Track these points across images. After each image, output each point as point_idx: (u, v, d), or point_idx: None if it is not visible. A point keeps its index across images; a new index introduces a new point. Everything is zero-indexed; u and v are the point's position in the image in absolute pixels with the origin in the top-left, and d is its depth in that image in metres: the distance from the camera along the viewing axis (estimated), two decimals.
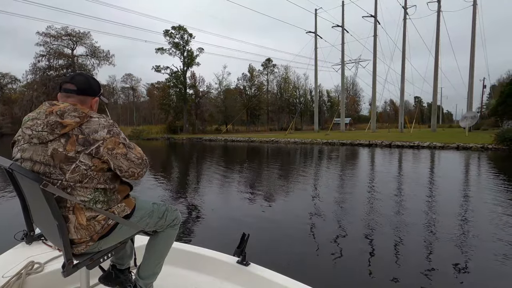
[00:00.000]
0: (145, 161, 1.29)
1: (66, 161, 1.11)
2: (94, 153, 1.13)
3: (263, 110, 60.38)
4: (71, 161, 1.11)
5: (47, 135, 1.10)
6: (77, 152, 1.11)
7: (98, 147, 1.14)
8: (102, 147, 1.15)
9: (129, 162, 1.22)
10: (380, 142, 22.53)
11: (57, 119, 1.11)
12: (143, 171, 1.29)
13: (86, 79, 1.28)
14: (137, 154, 1.26)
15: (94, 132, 1.14)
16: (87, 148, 1.12)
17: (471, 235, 4.07)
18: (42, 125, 1.11)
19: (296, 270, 3.06)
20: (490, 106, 47.31)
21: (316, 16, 46.51)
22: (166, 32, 46.93)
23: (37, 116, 1.14)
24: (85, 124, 1.14)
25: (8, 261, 1.78)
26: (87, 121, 1.15)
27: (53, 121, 1.11)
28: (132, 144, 1.28)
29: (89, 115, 1.17)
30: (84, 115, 1.15)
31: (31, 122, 1.14)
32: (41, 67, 43.99)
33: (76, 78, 1.26)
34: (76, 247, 1.20)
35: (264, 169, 11.21)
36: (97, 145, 1.14)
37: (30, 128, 1.13)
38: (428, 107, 77.46)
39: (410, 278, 2.95)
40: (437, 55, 37.38)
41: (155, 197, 6.33)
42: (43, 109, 1.15)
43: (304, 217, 5.01)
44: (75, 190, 1.14)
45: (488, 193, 6.49)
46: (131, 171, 1.24)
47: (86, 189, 1.16)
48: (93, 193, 1.18)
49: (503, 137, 17.67)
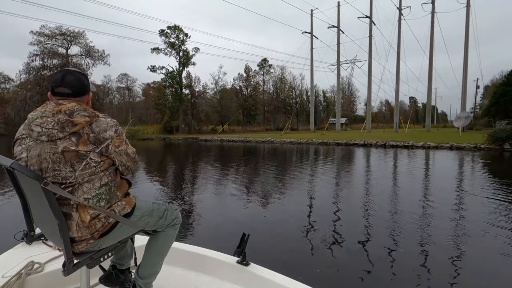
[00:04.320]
0: (136, 155, 1.41)
1: (77, 159, 1.13)
2: (104, 151, 1.19)
3: (259, 110, 60.34)
4: (82, 158, 1.14)
5: (57, 133, 1.12)
6: (88, 150, 1.14)
7: (108, 145, 1.20)
8: (110, 145, 1.21)
9: (127, 157, 1.31)
10: (375, 142, 22.68)
11: (67, 118, 1.13)
12: (135, 164, 1.40)
13: (77, 78, 1.25)
14: (132, 149, 1.35)
15: (104, 131, 1.19)
16: (98, 147, 1.17)
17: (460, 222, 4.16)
18: (53, 123, 1.12)
19: (295, 269, 3.08)
20: (483, 106, 47.84)
21: (312, 17, 46.71)
22: (161, 32, 46.73)
23: (45, 114, 1.14)
24: (95, 123, 1.18)
25: (8, 261, 1.77)
26: (96, 120, 1.19)
27: (64, 119, 1.12)
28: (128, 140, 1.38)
29: (97, 114, 1.21)
30: (93, 114, 1.19)
31: (40, 119, 1.14)
32: (35, 67, 43.41)
33: (67, 80, 1.22)
34: (77, 245, 1.20)
35: (260, 169, 11.22)
36: (106, 143, 1.20)
37: (40, 125, 1.13)
38: (423, 107, 78.14)
39: (406, 274, 3.01)
40: (431, 56, 37.75)
41: (151, 198, 6.31)
42: (49, 107, 1.15)
43: (300, 216, 5.05)
44: (80, 188, 1.16)
45: (477, 189, 6.62)
46: (127, 165, 1.33)
47: (92, 186, 1.19)
48: (98, 189, 1.20)
49: (495, 137, 17.94)
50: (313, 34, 46.52)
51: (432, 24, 37.82)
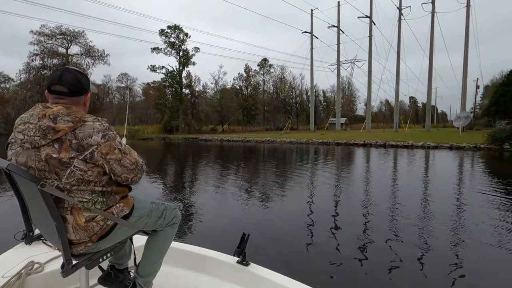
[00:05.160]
0: (140, 166, 1.27)
1: (61, 166, 1.09)
2: (88, 158, 1.11)
3: (259, 110, 60.35)
4: (65, 166, 1.09)
5: (39, 140, 1.07)
6: (70, 157, 1.08)
7: (92, 152, 1.12)
8: (96, 152, 1.13)
9: (123, 168, 1.21)
10: (375, 142, 22.68)
11: (49, 124, 1.08)
12: (137, 176, 1.27)
13: (75, 77, 1.20)
14: (131, 159, 1.23)
15: (88, 137, 1.11)
16: (81, 154, 1.10)
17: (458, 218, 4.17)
18: (34, 130, 1.08)
19: (295, 269, 3.08)
20: (483, 106, 47.84)
21: (312, 17, 46.70)
22: (161, 32, 46.70)
23: (30, 120, 1.10)
24: (79, 128, 1.11)
25: (8, 261, 1.77)
26: (81, 125, 1.12)
27: (45, 125, 1.07)
28: (128, 148, 1.26)
29: (82, 119, 1.12)
30: (77, 119, 1.11)
31: (23, 126, 1.11)
32: (35, 66, 43.35)
33: (65, 78, 1.17)
34: (75, 247, 1.19)
35: (260, 169, 11.22)
36: (91, 150, 1.11)
37: (22, 132, 1.10)
38: (423, 107, 78.17)
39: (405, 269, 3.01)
40: (431, 56, 37.76)
41: (150, 197, 6.31)
42: (36, 111, 1.11)
43: (300, 216, 5.05)
44: (72, 192, 1.14)
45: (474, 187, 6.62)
46: (124, 177, 1.23)
47: (84, 192, 1.15)
48: (91, 195, 1.16)
49: (495, 137, 17.95)
50: (313, 34, 46.53)
51: (432, 24, 37.85)
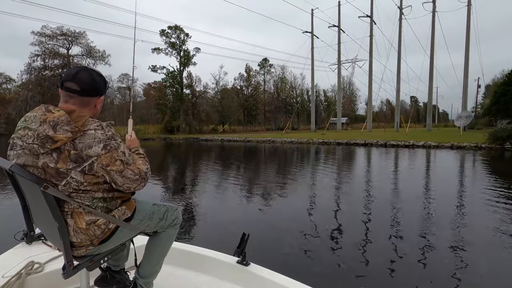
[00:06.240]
0: (144, 175, 1.22)
1: (57, 176, 1.07)
2: (87, 170, 1.07)
3: (260, 110, 60.33)
4: (62, 177, 1.07)
5: (38, 148, 1.05)
6: (68, 169, 1.05)
7: (92, 163, 1.08)
8: (96, 163, 1.08)
9: (124, 179, 1.16)
10: (376, 142, 22.65)
11: (48, 132, 1.04)
12: (140, 185, 1.22)
13: (91, 77, 1.18)
14: (134, 170, 1.18)
15: (88, 148, 1.06)
16: (80, 165, 1.06)
17: None
18: (33, 138, 1.05)
19: (296, 269, 3.08)
20: (484, 105, 47.77)
21: (313, 16, 46.65)
22: (162, 32, 46.71)
23: (31, 124, 1.08)
24: (79, 138, 1.06)
25: (8, 261, 1.77)
26: (81, 135, 1.07)
27: (43, 134, 1.04)
28: (131, 158, 1.21)
29: (83, 128, 1.07)
30: (77, 129, 1.06)
31: (22, 131, 1.09)
32: (36, 67, 43.45)
33: (80, 76, 1.15)
34: (76, 250, 1.19)
35: (260, 168, 11.22)
36: (90, 161, 1.07)
37: (21, 139, 1.09)
38: (424, 107, 78.07)
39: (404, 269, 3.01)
40: (432, 55, 37.70)
41: (152, 198, 6.32)
42: (38, 114, 1.09)
43: (300, 216, 5.04)
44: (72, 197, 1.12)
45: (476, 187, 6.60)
46: (126, 186, 1.19)
47: (83, 198, 1.13)
48: (91, 200, 1.15)
49: (496, 136, 17.89)
50: (313, 34, 46.49)
51: (433, 23, 37.77)
